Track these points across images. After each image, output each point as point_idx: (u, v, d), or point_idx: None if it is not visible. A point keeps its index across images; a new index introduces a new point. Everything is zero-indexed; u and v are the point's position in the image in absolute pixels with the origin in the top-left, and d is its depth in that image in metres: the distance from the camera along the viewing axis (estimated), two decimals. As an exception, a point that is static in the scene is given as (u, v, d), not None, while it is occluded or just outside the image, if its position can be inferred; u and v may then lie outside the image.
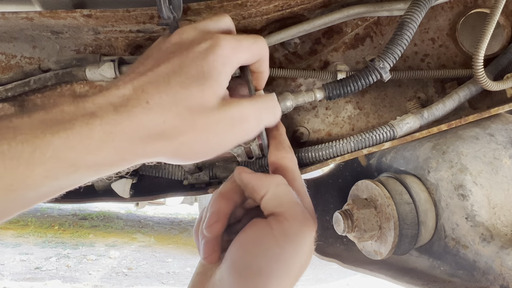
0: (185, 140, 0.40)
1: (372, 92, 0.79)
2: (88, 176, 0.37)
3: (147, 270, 3.91)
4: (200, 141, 0.41)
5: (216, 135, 0.41)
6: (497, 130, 0.69)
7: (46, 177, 0.34)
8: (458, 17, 0.77)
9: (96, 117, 0.36)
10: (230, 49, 0.42)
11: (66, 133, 0.34)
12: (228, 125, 0.42)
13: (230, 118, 0.42)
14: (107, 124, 0.36)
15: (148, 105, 0.38)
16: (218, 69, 0.41)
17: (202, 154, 0.43)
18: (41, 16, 0.61)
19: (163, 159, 0.41)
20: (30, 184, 0.33)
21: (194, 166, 0.75)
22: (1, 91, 0.70)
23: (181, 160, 0.42)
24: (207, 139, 0.41)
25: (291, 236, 0.42)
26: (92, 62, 0.70)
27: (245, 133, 0.44)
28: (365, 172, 0.90)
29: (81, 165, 0.35)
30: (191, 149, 0.41)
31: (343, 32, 0.77)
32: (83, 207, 5.61)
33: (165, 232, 5.06)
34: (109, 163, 0.37)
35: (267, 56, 0.47)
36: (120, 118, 0.36)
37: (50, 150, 0.33)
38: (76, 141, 0.34)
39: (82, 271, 3.81)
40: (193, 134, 0.40)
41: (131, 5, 0.62)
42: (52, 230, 4.88)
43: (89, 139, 0.35)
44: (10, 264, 3.86)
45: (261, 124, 0.46)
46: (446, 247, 0.66)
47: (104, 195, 0.80)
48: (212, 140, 0.41)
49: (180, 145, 0.40)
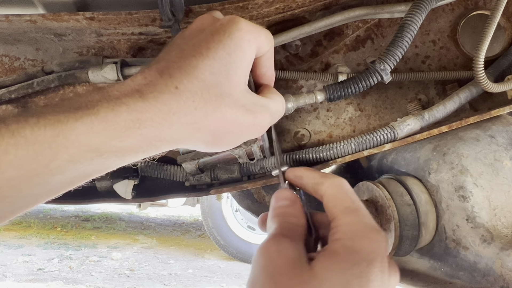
0: (214, 129, 0.39)
1: (373, 93, 0.80)
2: (113, 162, 0.37)
3: (149, 271, 3.91)
4: (226, 132, 0.41)
5: (239, 130, 0.42)
6: (497, 131, 0.69)
7: (70, 161, 0.33)
8: (459, 19, 0.77)
9: (122, 103, 0.35)
10: (249, 26, 0.41)
11: (90, 118, 0.34)
12: (250, 124, 0.42)
13: (253, 119, 0.42)
14: (133, 110, 0.35)
15: (177, 91, 0.37)
16: (244, 48, 0.40)
17: (223, 145, 0.43)
18: (44, 18, 0.62)
19: (188, 146, 0.41)
20: (54, 168, 0.33)
21: (195, 168, 0.76)
22: (5, 93, 0.70)
23: (204, 148, 0.42)
24: (232, 131, 0.41)
25: None
26: (95, 64, 0.71)
27: (258, 133, 0.45)
28: (366, 173, 0.90)
29: (105, 150, 0.35)
30: (216, 139, 0.41)
31: (344, 34, 0.77)
32: (85, 209, 5.61)
33: (167, 234, 5.06)
34: (135, 149, 0.37)
35: (273, 50, 0.47)
36: (147, 104, 0.36)
37: (73, 135, 0.33)
38: (100, 127, 0.34)
39: (84, 273, 3.81)
40: (223, 125, 0.40)
41: (134, 7, 0.63)
42: (54, 232, 4.88)
43: (114, 125, 0.34)
44: (13, 265, 3.87)
45: (271, 124, 0.46)
46: (446, 248, 0.66)
47: (106, 196, 0.81)
48: (235, 134, 0.42)
49: (208, 134, 0.40)
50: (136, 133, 0.35)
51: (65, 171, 0.34)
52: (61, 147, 0.32)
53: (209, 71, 0.39)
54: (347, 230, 0.41)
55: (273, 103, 0.46)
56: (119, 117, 0.35)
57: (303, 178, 0.49)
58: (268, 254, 0.39)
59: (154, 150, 0.38)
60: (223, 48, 0.39)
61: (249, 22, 0.42)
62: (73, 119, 0.33)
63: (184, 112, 0.37)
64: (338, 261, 0.38)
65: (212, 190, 0.76)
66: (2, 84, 0.72)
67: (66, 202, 0.79)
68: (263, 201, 0.95)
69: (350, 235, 0.40)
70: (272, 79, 0.50)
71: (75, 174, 0.35)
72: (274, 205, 0.46)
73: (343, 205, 0.43)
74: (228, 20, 0.41)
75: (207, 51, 0.39)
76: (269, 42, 0.45)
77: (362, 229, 0.41)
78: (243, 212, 3.78)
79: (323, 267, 0.37)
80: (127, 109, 0.35)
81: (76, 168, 0.34)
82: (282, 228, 0.42)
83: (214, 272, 3.91)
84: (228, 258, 4.07)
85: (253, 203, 0.95)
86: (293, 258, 0.38)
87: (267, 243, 0.40)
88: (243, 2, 0.60)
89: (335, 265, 0.37)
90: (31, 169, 0.32)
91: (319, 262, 0.38)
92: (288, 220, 0.43)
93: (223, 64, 0.39)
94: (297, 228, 0.43)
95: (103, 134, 0.34)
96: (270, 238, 0.41)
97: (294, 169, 0.51)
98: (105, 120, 0.34)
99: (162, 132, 0.37)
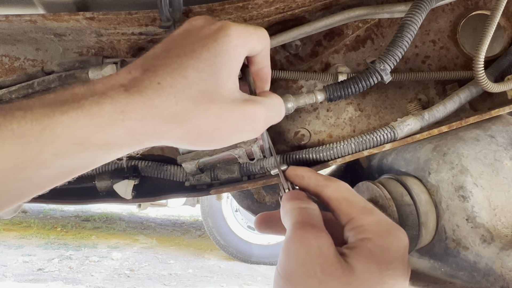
0: (196, 124, 0.40)
1: (373, 93, 0.80)
2: (98, 156, 0.37)
3: (149, 271, 3.91)
4: (212, 128, 0.41)
5: (227, 126, 0.42)
6: (497, 131, 0.69)
7: (56, 155, 0.34)
8: (459, 19, 0.77)
9: (107, 96, 0.36)
10: (239, 31, 0.42)
11: (75, 111, 0.34)
12: (241, 120, 0.42)
13: (243, 114, 0.42)
14: (118, 102, 0.36)
15: (160, 86, 0.38)
16: (230, 52, 0.41)
17: (210, 141, 0.43)
18: (44, 18, 0.62)
19: (172, 142, 0.41)
20: (40, 162, 0.33)
21: (195, 168, 0.76)
22: (5, 93, 0.70)
23: (189, 144, 0.42)
24: (218, 127, 0.41)
25: None
26: (95, 64, 0.71)
27: (252, 132, 0.44)
28: (366, 173, 0.90)
29: (90, 143, 0.35)
30: (200, 135, 0.41)
31: (344, 34, 0.77)
32: (85, 209, 5.62)
33: (167, 234, 5.06)
34: (120, 143, 0.37)
35: (269, 47, 0.48)
36: (131, 98, 0.36)
37: (60, 129, 0.33)
38: (86, 120, 0.34)
39: (85, 273, 3.81)
40: (206, 120, 0.40)
41: (134, 8, 0.63)
42: (54, 232, 4.88)
43: (99, 118, 0.35)
44: (13, 266, 3.87)
45: (268, 124, 0.46)
46: (446, 248, 0.66)
47: (106, 196, 0.81)
48: (223, 130, 0.42)
49: (191, 129, 0.40)
50: (120, 125, 0.36)
51: (51, 165, 0.34)
52: (47, 141, 0.33)
53: (193, 69, 0.39)
54: (374, 228, 0.42)
55: (268, 100, 0.46)
56: (103, 110, 0.35)
57: (305, 179, 0.50)
58: (307, 249, 0.40)
59: (138, 144, 0.39)
60: (207, 50, 0.40)
61: (240, 27, 0.42)
62: (59, 113, 0.34)
63: (166, 107, 0.38)
64: (376, 261, 0.39)
65: (212, 190, 0.76)
66: (2, 84, 0.72)
67: (66, 202, 0.79)
68: (263, 201, 0.95)
69: (379, 233, 0.42)
70: (269, 76, 0.50)
71: (61, 169, 0.35)
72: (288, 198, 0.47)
73: (359, 205, 0.45)
74: (218, 27, 0.42)
75: (191, 52, 0.40)
76: (263, 41, 0.45)
77: (387, 227, 0.42)
78: (243, 212, 3.78)
79: (364, 268, 0.39)
80: (112, 101, 0.36)
81: (62, 162, 0.35)
82: (306, 214, 0.44)
83: (214, 272, 3.91)
84: (228, 258, 4.07)
85: (253, 203, 0.95)
86: (333, 256, 0.39)
87: (302, 233, 0.41)
88: (243, 2, 0.60)
89: (374, 266, 0.39)
90: (18, 163, 0.32)
91: (359, 263, 0.40)
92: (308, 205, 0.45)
93: (208, 64, 0.40)
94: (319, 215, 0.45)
95: (88, 127, 0.34)
96: (301, 227, 0.42)
97: (295, 168, 0.51)
98: (90, 113, 0.35)
99: (145, 125, 0.37)
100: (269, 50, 0.48)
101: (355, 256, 0.40)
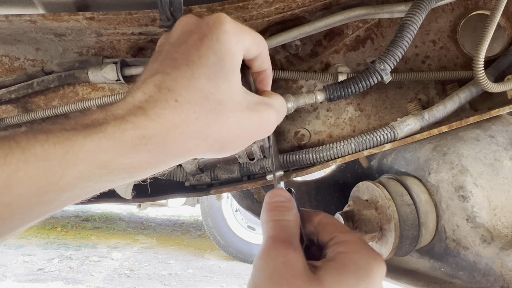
0: (218, 137, 0.40)
1: (373, 93, 0.80)
2: (122, 178, 0.37)
3: (149, 271, 3.91)
4: (232, 137, 0.41)
5: (246, 133, 0.42)
6: (497, 131, 0.69)
7: (79, 178, 0.33)
8: (459, 19, 0.77)
9: (127, 121, 0.35)
10: (233, 27, 0.41)
11: (98, 136, 0.34)
12: (257, 125, 0.42)
13: (259, 119, 0.42)
14: (138, 128, 0.35)
15: (177, 104, 0.37)
16: (233, 51, 0.41)
17: (230, 150, 0.43)
18: (44, 19, 0.62)
19: (196, 156, 0.41)
20: (63, 185, 0.33)
21: (195, 168, 0.76)
22: (5, 93, 0.70)
23: (210, 156, 0.42)
24: (238, 136, 0.41)
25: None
26: (95, 64, 0.71)
27: (265, 135, 0.45)
28: (366, 173, 0.90)
29: (114, 167, 0.35)
30: (222, 146, 0.41)
31: (344, 34, 0.77)
32: (85, 209, 5.61)
33: (167, 234, 5.06)
34: (144, 166, 0.37)
35: (267, 51, 0.47)
36: (151, 121, 0.36)
37: (83, 152, 0.33)
38: (109, 145, 0.34)
39: (85, 273, 3.81)
40: (227, 130, 0.40)
41: (134, 8, 0.63)
42: (54, 232, 4.89)
43: (121, 143, 0.35)
44: (13, 266, 3.87)
45: (278, 122, 0.46)
46: (446, 248, 0.66)
47: (106, 196, 0.81)
48: (242, 137, 0.42)
49: (213, 142, 0.40)
50: (143, 150, 0.36)
51: (74, 187, 0.34)
52: (70, 164, 0.33)
53: (205, 79, 0.39)
54: (353, 245, 0.42)
55: (275, 101, 0.46)
56: (125, 135, 0.35)
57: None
58: (274, 264, 0.40)
59: (163, 165, 0.39)
60: (213, 53, 0.40)
61: (234, 23, 0.42)
62: (82, 137, 0.33)
63: (187, 124, 0.37)
64: (347, 276, 0.39)
65: (212, 190, 0.76)
66: (2, 84, 0.72)
67: (66, 202, 0.78)
68: (263, 201, 0.95)
69: (357, 249, 0.42)
70: (270, 79, 0.50)
71: (83, 191, 0.35)
72: (268, 200, 0.47)
73: (342, 228, 0.45)
74: (214, 21, 0.41)
75: (199, 58, 0.39)
76: (258, 43, 0.45)
77: (364, 245, 0.43)
78: (243, 212, 3.78)
79: (333, 281, 0.39)
80: (133, 127, 0.35)
81: (85, 184, 0.35)
82: (280, 228, 0.43)
83: (214, 272, 3.91)
84: (228, 258, 4.07)
85: (253, 203, 0.95)
86: (300, 270, 0.39)
87: (270, 250, 0.41)
88: (243, 2, 0.60)
89: (344, 280, 0.39)
90: (41, 186, 0.32)
91: (329, 275, 0.39)
92: (285, 218, 0.45)
93: (218, 69, 0.40)
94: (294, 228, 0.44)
95: (111, 151, 0.34)
96: (272, 243, 0.42)
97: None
98: (113, 137, 0.34)
99: (168, 147, 0.37)
100: (268, 53, 0.48)
101: (328, 269, 0.40)
